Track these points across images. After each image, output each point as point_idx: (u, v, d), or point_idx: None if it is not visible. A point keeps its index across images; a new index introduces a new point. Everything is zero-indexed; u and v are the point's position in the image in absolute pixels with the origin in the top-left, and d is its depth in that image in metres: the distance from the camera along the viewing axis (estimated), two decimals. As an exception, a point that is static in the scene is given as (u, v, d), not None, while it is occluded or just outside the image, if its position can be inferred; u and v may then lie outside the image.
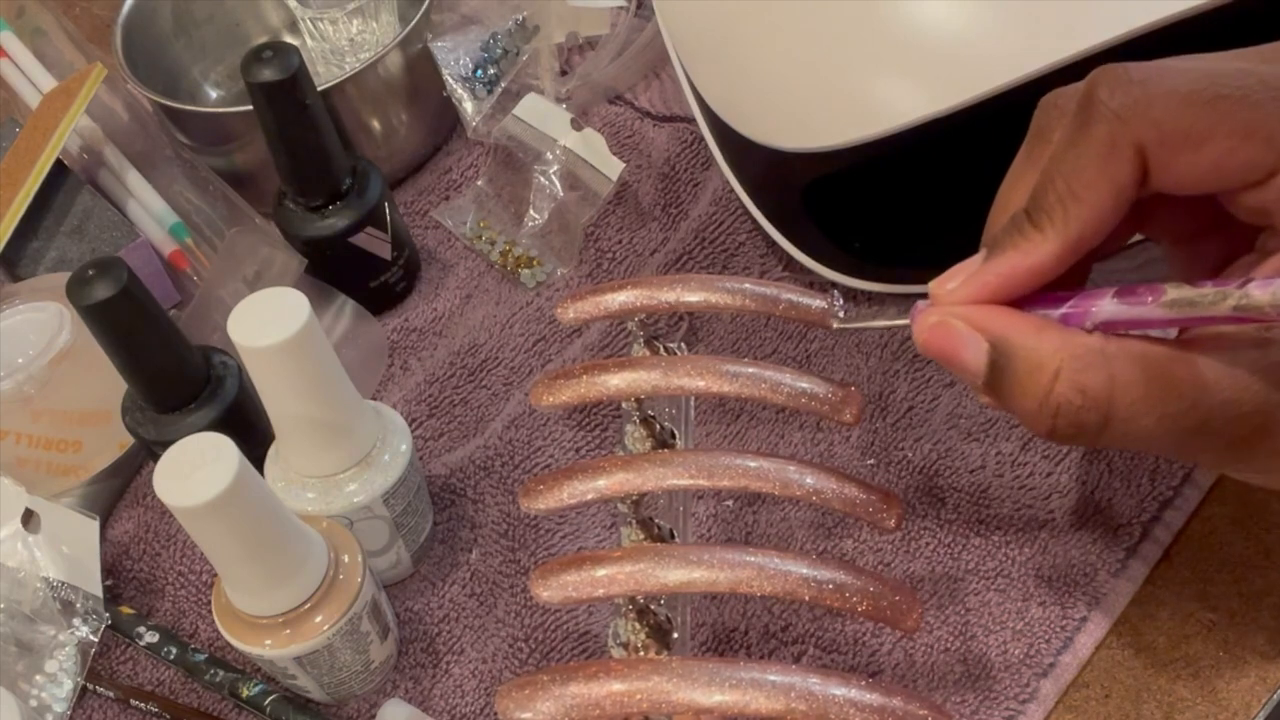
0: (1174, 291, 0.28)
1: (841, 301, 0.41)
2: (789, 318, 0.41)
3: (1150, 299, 0.29)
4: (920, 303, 0.33)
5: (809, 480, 0.37)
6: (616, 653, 0.38)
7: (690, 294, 0.41)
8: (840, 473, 0.38)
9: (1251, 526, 0.43)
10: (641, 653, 0.37)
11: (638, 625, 0.37)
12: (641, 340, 0.44)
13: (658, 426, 0.43)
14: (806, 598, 0.34)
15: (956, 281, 0.32)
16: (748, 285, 0.41)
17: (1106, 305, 0.29)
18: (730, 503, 0.47)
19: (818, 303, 0.41)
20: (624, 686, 0.32)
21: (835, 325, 0.40)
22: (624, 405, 0.43)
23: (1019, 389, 0.30)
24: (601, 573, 0.34)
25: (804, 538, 0.46)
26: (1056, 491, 0.45)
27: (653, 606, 0.38)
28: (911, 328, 0.33)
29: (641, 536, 0.39)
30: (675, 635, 0.38)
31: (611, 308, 0.42)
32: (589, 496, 0.37)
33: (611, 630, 0.39)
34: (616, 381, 0.40)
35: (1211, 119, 0.28)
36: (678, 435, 0.43)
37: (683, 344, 0.47)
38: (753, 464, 0.37)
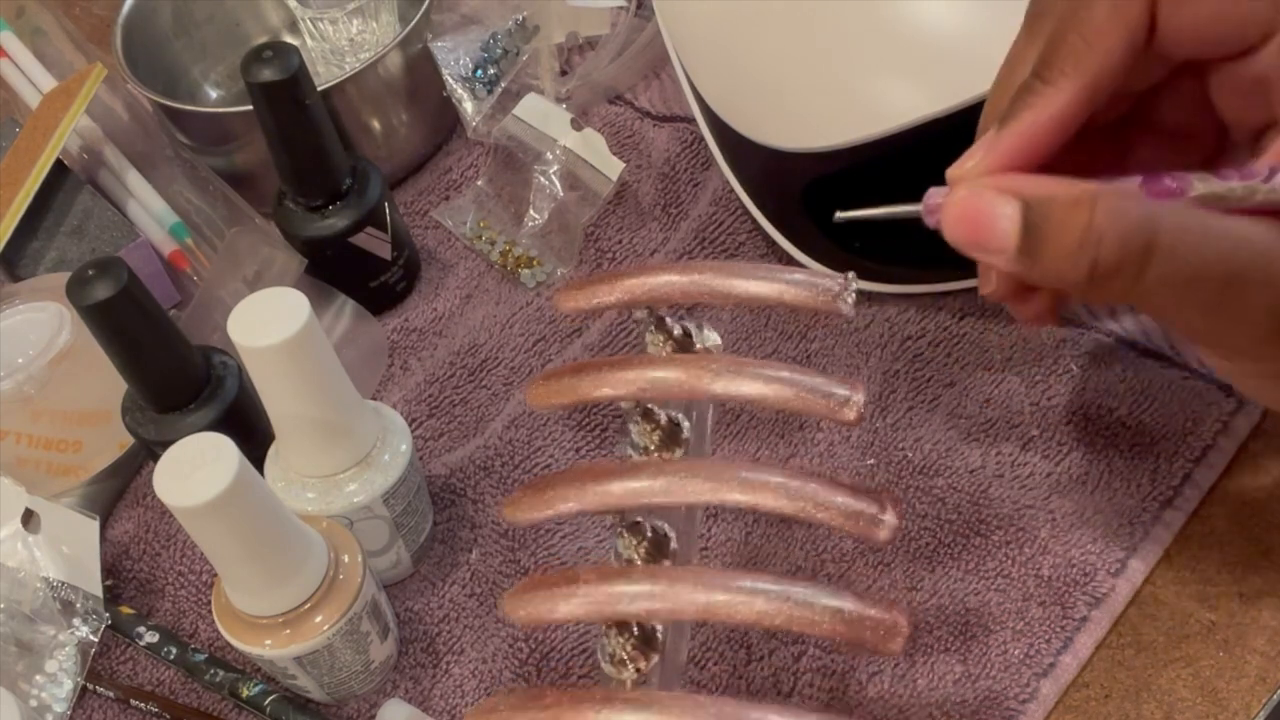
0: (1201, 185, 0.28)
1: (855, 286, 0.40)
2: (795, 303, 0.39)
3: (1176, 187, 0.28)
4: (933, 189, 0.32)
5: (798, 488, 0.35)
6: (606, 668, 0.38)
7: (684, 275, 0.40)
8: (832, 481, 0.36)
9: (1251, 526, 0.43)
10: (628, 663, 0.37)
11: (622, 639, 0.37)
12: (653, 326, 0.43)
13: (663, 417, 0.42)
14: (779, 623, 0.32)
15: (975, 158, 0.31)
16: (746, 266, 0.40)
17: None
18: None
19: (828, 283, 0.39)
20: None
21: (837, 215, 0.37)
22: (622, 404, 0.43)
23: (1058, 230, 0.29)
24: (566, 605, 0.34)
25: (804, 537, 0.46)
26: (1056, 491, 0.45)
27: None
28: (924, 215, 0.32)
29: (634, 541, 0.39)
30: (660, 638, 0.37)
31: (610, 298, 0.41)
32: (570, 509, 0.36)
33: (600, 647, 0.38)
34: (612, 379, 0.39)
35: None
36: (684, 421, 0.42)
37: (706, 326, 0.45)
38: (743, 475, 0.35)
